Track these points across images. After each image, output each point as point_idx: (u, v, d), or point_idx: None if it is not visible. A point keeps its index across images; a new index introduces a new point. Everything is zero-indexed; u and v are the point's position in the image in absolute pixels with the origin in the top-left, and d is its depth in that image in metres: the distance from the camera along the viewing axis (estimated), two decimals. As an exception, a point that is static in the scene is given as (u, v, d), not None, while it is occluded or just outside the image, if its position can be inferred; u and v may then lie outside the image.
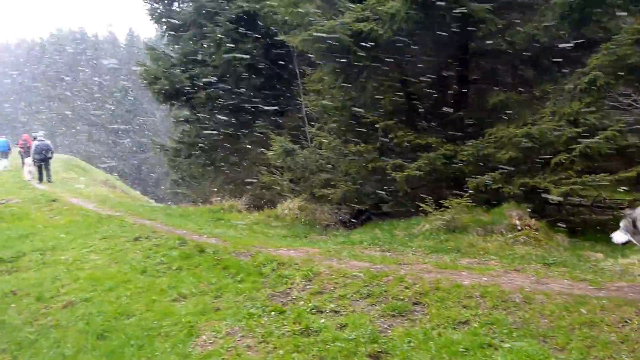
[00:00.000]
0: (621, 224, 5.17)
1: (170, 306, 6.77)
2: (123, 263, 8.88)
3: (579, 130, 9.02)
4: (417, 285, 6.03)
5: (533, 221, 9.03)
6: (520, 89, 10.85)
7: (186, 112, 18.42)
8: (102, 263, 9.07)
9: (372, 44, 10.42)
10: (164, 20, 17.45)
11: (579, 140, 8.87)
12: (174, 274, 8.02)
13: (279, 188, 12.81)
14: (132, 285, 7.71)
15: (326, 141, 11.37)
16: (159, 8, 17.60)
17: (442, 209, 9.50)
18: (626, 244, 5.19)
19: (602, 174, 8.58)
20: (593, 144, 8.65)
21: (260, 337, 5.56)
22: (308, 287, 6.69)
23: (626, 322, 4.55)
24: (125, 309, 6.83)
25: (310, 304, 6.09)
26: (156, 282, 7.75)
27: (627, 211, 5.15)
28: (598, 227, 9.49)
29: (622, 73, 9.04)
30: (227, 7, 15.47)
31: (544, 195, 9.07)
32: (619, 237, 5.17)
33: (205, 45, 15.36)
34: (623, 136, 9.61)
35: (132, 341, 5.95)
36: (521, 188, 9.17)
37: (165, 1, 17.86)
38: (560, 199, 8.91)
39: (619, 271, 6.47)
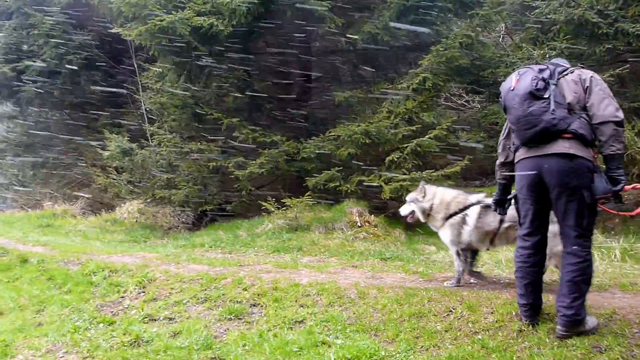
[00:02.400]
0: (408, 197, 5.77)
1: (-18, 325, 6.01)
2: None
3: (414, 128, 9.46)
4: (256, 287, 5.87)
5: (372, 217, 9.32)
6: (360, 87, 11.14)
7: (11, 108, 16.73)
8: None
9: (214, 39, 10.17)
10: (-20, 6, 15.69)
11: (414, 138, 9.30)
12: (-10, 289, 7.18)
13: (116, 190, 12.04)
14: None
15: (166, 139, 10.88)
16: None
17: (285, 208, 9.48)
18: (410, 215, 5.74)
19: (429, 170, 9.06)
20: (423, 142, 9.08)
21: (86, 351, 5.08)
22: (142, 294, 6.28)
23: (451, 311, 4.71)
24: None
25: (142, 313, 5.71)
26: (-33, 299, 6.87)
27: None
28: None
29: (451, 74, 9.61)
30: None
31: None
32: (404, 209, 5.78)
33: (33, 35, 14.04)
34: (454, 134, 10.24)
35: None
36: (357, 186, 9.41)
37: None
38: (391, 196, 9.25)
39: (448, 262, 6.78)
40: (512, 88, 3.98)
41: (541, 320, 4.24)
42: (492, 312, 4.55)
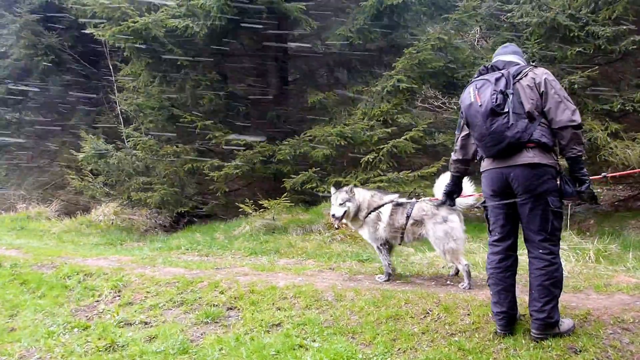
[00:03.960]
0: (339, 200, 5.95)
1: (-49, 332, 5.87)
2: None
3: (389, 130, 9.49)
4: (233, 290, 5.84)
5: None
6: (336, 89, 11.17)
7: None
8: None
9: (189, 41, 10.12)
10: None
11: (390, 140, 9.33)
12: (-40, 295, 7.02)
13: (91, 192, 11.89)
14: None
15: (141, 142, 10.78)
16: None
17: (262, 210, 9.44)
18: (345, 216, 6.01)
19: (405, 171, 9.10)
20: (399, 143, 9.12)
21: (60, 357, 4.99)
22: (117, 298, 6.21)
23: (427, 313, 4.73)
24: None
25: (117, 317, 5.62)
26: None
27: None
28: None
29: (426, 76, 9.66)
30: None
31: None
32: (339, 211, 5.96)
33: (4, 35, 13.86)
34: (431, 136, 10.29)
35: None
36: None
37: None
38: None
39: (425, 264, 6.79)
40: (472, 104, 4.02)
41: (516, 322, 4.27)
42: (468, 314, 4.58)
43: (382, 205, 5.94)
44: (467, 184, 5.45)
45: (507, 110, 3.86)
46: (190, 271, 6.82)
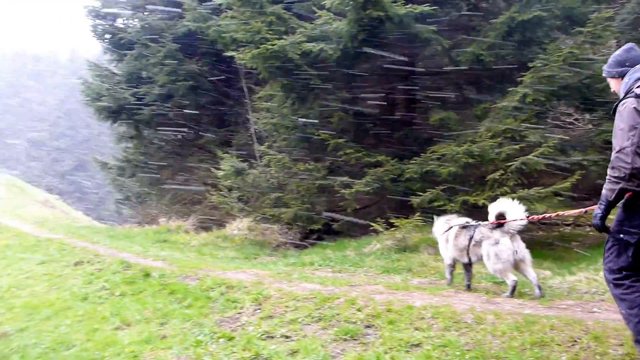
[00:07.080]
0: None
1: (113, 335, 6.40)
2: (63, 289, 8.45)
3: (518, 147, 9.20)
4: (369, 308, 5.92)
5: (482, 239, 9.09)
6: (463, 107, 11.04)
7: (130, 130, 17.89)
8: (40, 290, 8.62)
9: (322, 62, 10.46)
10: (107, 37, 17.14)
11: (518, 157, 9.06)
12: (117, 301, 7.66)
13: (227, 208, 12.55)
14: (72, 313, 7.31)
15: (275, 159, 11.26)
16: (102, 24, 17.30)
17: (392, 228, 9.49)
18: None
19: (536, 188, 8.77)
20: (530, 160, 8.83)
21: (209, 365, 5.32)
22: (258, 311, 6.48)
23: (575, 341, 4.57)
24: (64, 339, 6.41)
25: (260, 329, 5.86)
26: (98, 309, 7.37)
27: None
28: (545, 244, 9.65)
29: (556, 92, 9.27)
30: (173, 25, 15.29)
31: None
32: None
33: (150, 63, 15.04)
34: (564, 153, 9.84)
35: (72, 374, 5.61)
36: (462, 205, 9.24)
37: (109, 18, 17.51)
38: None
39: (566, 289, 6.54)
40: None
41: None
42: (621, 345, 4.37)
43: (450, 228, 6.65)
44: (518, 207, 6.09)
45: None
46: (325, 287, 6.97)
